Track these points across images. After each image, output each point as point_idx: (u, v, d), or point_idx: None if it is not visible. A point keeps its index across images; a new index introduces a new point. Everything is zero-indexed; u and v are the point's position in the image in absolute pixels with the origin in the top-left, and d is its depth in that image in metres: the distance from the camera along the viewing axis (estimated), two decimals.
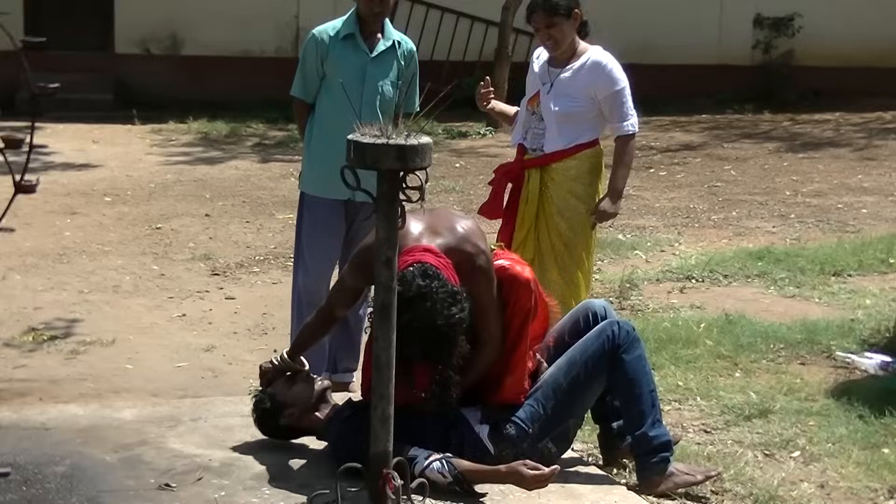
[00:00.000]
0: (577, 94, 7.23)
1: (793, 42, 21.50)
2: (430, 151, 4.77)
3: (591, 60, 7.29)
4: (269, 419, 5.66)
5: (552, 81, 7.26)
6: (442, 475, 5.20)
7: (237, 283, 10.18)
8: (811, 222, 12.80)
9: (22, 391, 7.47)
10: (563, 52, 7.28)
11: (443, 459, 5.24)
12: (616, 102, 7.34)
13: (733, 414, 6.82)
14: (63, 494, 5.14)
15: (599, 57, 7.35)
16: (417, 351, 5.14)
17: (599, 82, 7.28)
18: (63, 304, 9.46)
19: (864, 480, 5.95)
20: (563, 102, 7.22)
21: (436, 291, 5.04)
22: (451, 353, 5.18)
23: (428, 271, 5.10)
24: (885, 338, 8.13)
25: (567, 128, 7.24)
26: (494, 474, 5.22)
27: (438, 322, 5.06)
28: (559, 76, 7.25)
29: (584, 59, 7.28)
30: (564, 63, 7.28)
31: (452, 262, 5.26)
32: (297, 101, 7.35)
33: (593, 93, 7.26)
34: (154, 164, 15.74)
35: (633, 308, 9.24)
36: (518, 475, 5.15)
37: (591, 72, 7.27)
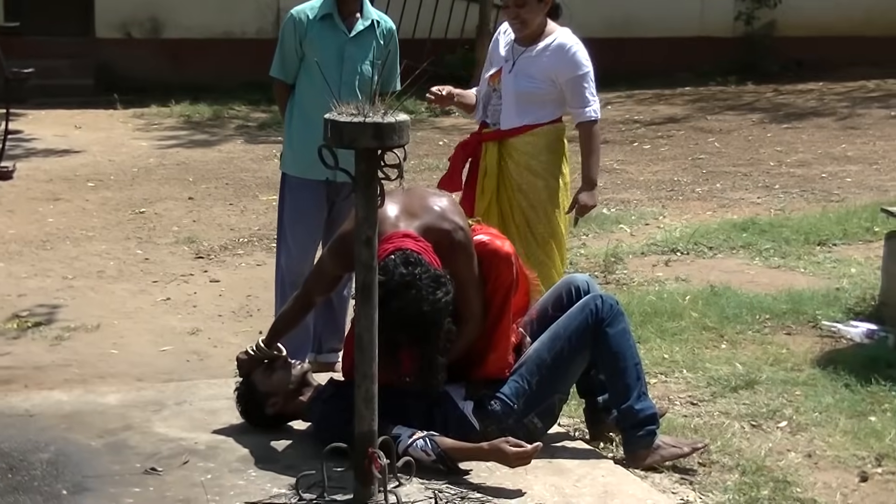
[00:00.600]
0: (537, 76, 7.12)
1: (774, 13, 21.53)
2: (407, 129, 4.75)
3: (556, 42, 7.16)
4: (254, 410, 5.66)
5: (515, 59, 7.18)
6: (425, 453, 5.19)
7: (221, 266, 10.17)
8: (795, 192, 12.81)
9: (6, 378, 7.45)
10: (529, 30, 7.18)
11: (426, 438, 5.23)
12: (577, 87, 7.17)
13: (719, 385, 6.82)
14: (49, 481, 5.13)
15: (565, 40, 7.19)
16: (405, 337, 5.14)
17: (562, 65, 7.14)
18: (47, 291, 9.44)
19: (851, 449, 5.96)
20: (523, 82, 7.11)
21: (419, 278, 5.04)
22: (438, 338, 5.18)
23: (410, 258, 5.09)
24: (870, 306, 8.14)
25: (525, 108, 7.12)
26: (478, 452, 5.22)
27: (425, 308, 5.05)
28: (522, 55, 7.18)
29: (549, 41, 7.16)
30: (530, 43, 7.19)
31: (431, 242, 5.25)
32: (277, 81, 7.34)
33: (554, 75, 7.12)
34: (137, 148, 15.71)
35: (618, 282, 9.25)
36: (501, 452, 5.15)
37: (555, 54, 7.14)
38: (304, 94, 7.17)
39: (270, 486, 5.07)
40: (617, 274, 9.48)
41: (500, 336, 5.54)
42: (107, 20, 20.28)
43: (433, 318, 5.09)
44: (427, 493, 5.01)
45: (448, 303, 5.11)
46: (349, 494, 4.91)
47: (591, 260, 9.82)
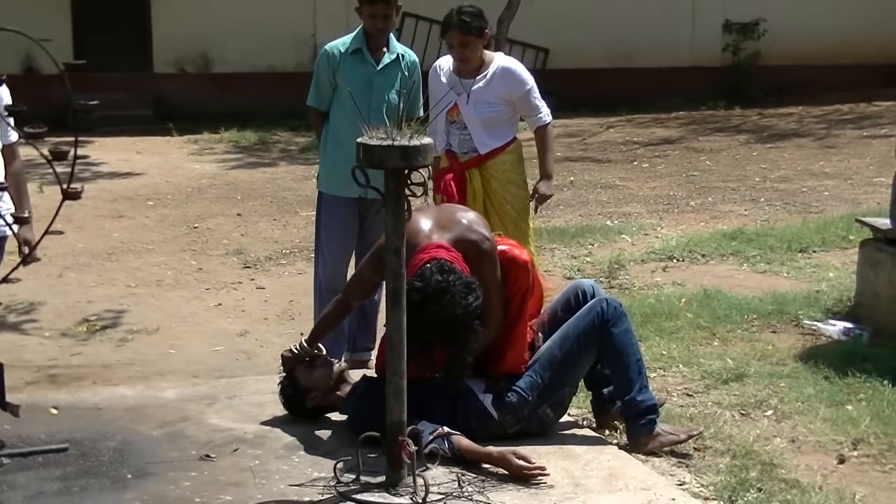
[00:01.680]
0: (494, 100, 7.34)
1: (758, 44, 21.51)
2: (431, 151, 4.79)
3: (500, 67, 7.38)
4: (295, 403, 5.67)
5: (468, 92, 7.28)
6: (444, 451, 5.17)
7: (266, 275, 10.19)
8: (779, 205, 12.77)
9: (77, 376, 7.48)
10: (471, 64, 7.32)
11: (444, 437, 5.21)
12: (528, 100, 7.45)
13: (712, 378, 6.79)
14: (115, 466, 5.15)
15: (507, 63, 7.46)
16: (439, 338, 5.16)
17: (512, 86, 7.38)
18: (112, 298, 9.48)
19: (830, 434, 5.93)
20: (484, 109, 7.33)
21: (453, 284, 5.06)
22: (468, 338, 5.19)
23: (444, 267, 5.11)
24: (846, 306, 8.10)
25: (492, 131, 7.37)
26: (487, 456, 5.18)
27: (458, 311, 5.07)
28: (475, 86, 7.29)
29: (493, 68, 7.36)
30: (474, 73, 7.33)
31: (461, 252, 5.28)
32: (313, 110, 7.35)
33: (508, 95, 7.38)
34: (191, 170, 15.78)
35: (620, 286, 9.21)
36: (507, 462, 5.11)
37: (503, 78, 7.35)
38: (337, 121, 7.17)
39: (311, 471, 5.07)
40: (620, 279, 9.45)
41: (517, 335, 5.54)
42: (163, 58, 20.36)
43: (465, 320, 5.11)
44: (451, 476, 4.99)
45: (478, 307, 5.13)
46: (381, 477, 4.90)
47: (596, 267, 9.80)
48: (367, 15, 7.07)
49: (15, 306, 9.15)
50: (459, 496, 4.83)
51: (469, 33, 7.20)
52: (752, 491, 5.18)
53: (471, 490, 4.89)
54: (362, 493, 4.83)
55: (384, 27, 7.09)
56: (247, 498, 4.80)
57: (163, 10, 20.28)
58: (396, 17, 7.21)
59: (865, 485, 5.38)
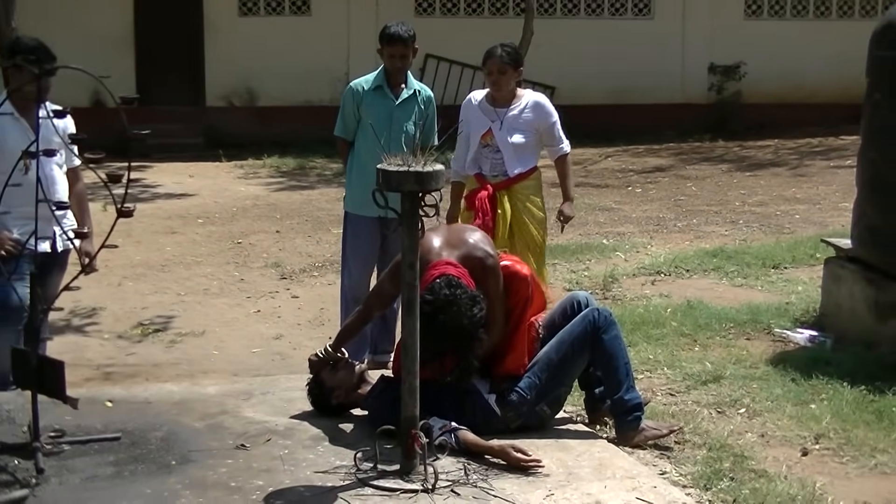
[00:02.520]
0: (525, 128, 7.39)
1: (740, 84, 21.48)
2: (442, 176, 4.80)
3: (531, 101, 7.47)
4: (321, 401, 5.67)
5: (501, 119, 7.33)
6: (451, 444, 5.16)
7: (301, 285, 10.20)
8: (755, 226, 12.74)
9: (131, 373, 7.51)
10: (503, 95, 7.34)
11: (451, 432, 5.21)
12: (553, 131, 7.53)
13: (692, 380, 6.76)
14: (161, 453, 5.15)
15: (538, 97, 7.55)
16: (448, 346, 5.16)
17: (542, 117, 7.45)
18: (164, 304, 9.50)
19: (795, 430, 5.91)
20: (515, 135, 7.37)
21: (460, 297, 5.07)
22: (473, 346, 5.19)
23: (452, 282, 5.12)
24: (812, 317, 8.07)
25: (521, 156, 7.38)
26: (489, 449, 5.17)
27: (464, 322, 5.08)
28: (507, 114, 7.34)
29: (526, 100, 7.45)
30: (507, 104, 7.38)
31: (468, 268, 5.29)
32: (339, 139, 7.38)
33: (537, 126, 7.44)
34: (236, 192, 15.80)
35: (614, 298, 9.19)
36: (506, 454, 5.10)
37: (534, 109, 7.43)
38: (361, 149, 7.19)
39: (334, 460, 5.06)
40: (613, 291, 9.42)
41: (518, 340, 5.54)
42: (214, 92, 20.43)
43: (470, 329, 5.11)
44: (458, 465, 4.98)
45: (482, 318, 5.13)
46: (396, 466, 4.89)
47: (592, 280, 9.78)
48: (387, 55, 7.11)
49: (78, 311, 9.18)
50: (465, 483, 4.82)
51: (507, 63, 7.27)
52: (725, 480, 5.16)
53: (475, 478, 4.88)
54: (379, 479, 4.82)
55: (402, 66, 7.13)
56: (277, 483, 4.80)
57: (214, 51, 20.35)
58: (413, 57, 7.22)
59: (825, 475, 5.37)
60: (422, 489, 4.74)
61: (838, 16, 22.15)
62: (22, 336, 6.10)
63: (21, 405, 5.42)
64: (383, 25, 7.25)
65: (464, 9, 21.18)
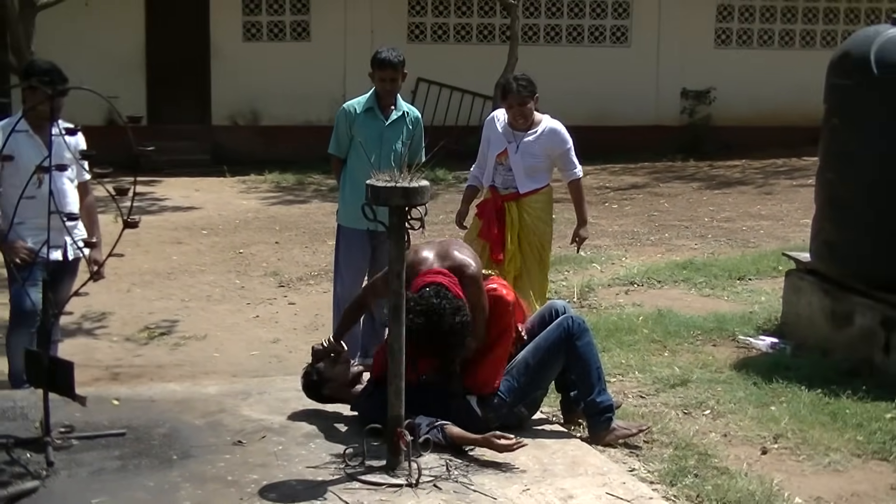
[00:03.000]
0: (538, 153, 7.42)
1: (710, 108, 21.51)
2: (428, 191, 4.79)
3: (548, 128, 7.47)
4: (313, 387, 5.66)
5: (518, 143, 7.36)
6: (437, 439, 5.17)
7: (297, 293, 10.20)
8: (723, 241, 12.74)
9: (137, 374, 7.50)
10: (525, 123, 7.39)
11: (438, 427, 5.21)
12: (567, 157, 7.55)
13: (661, 383, 6.77)
14: (163, 449, 5.14)
15: (553, 125, 7.53)
16: (429, 349, 5.16)
17: (555, 144, 7.48)
18: (169, 310, 9.50)
19: (756, 430, 5.92)
20: (528, 159, 7.42)
21: (444, 307, 5.07)
22: (456, 351, 5.19)
23: (440, 292, 5.13)
24: (774, 325, 8.09)
25: (532, 176, 7.44)
26: (474, 440, 5.18)
27: (445, 328, 5.08)
28: (524, 139, 7.39)
29: (542, 127, 7.46)
30: (526, 129, 7.39)
31: (456, 277, 5.28)
32: (333, 157, 7.38)
33: (550, 151, 7.47)
34: (239, 205, 15.78)
35: (590, 306, 9.21)
36: (490, 443, 5.12)
37: (549, 136, 7.45)
38: (353, 166, 7.20)
39: (325, 456, 5.06)
40: (589, 300, 9.44)
41: (493, 361, 5.49)
42: (219, 113, 20.42)
43: (451, 333, 5.11)
44: (440, 462, 4.99)
45: (464, 325, 5.13)
46: (382, 462, 4.90)
47: (570, 290, 9.78)
48: (377, 79, 7.12)
49: (89, 315, 9.18)
50: (447, 478, 4.82)
51: (527, 97, 7.30)
52: (689, 476, 5.17)
53: (456, 474, 4.89)
54: (366, 474, 4.82)
55: (392, 89, 7.13)
56: (271, 477, 4.79)
57: (220, 74, 20.34)
58: (403, 81, 7.23)
59: (783, 472, 5.39)
60: (406, 484, 4.74)
61: (801, 46, 22.22)
62: (35, 338, 6.10)
63: (34, 402, 5.42)
64: (375, 51, 7.26)
65: (453, 36, 21.20)
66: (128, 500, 4.55)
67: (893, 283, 6.94)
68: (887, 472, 5.44)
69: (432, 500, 4.63)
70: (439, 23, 21.16)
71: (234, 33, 20.46)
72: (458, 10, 21.18)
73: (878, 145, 7.01)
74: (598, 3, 21.58)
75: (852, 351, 7.06)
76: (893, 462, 5.54)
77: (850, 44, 7.43)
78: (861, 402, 6.29)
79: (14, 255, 6.22)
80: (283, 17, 20.70)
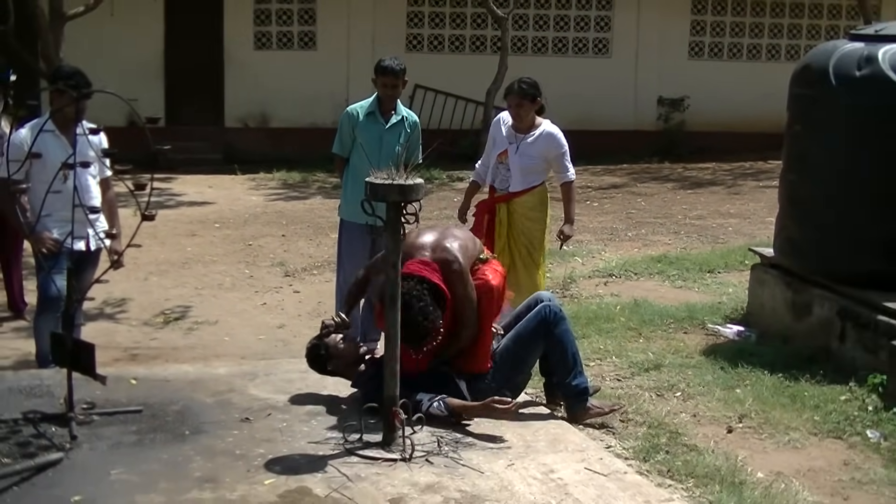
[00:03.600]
0: (535, 155, 7.39)
1: (684, 115, 21.48)
2: (422, 188, 4.81)
3: (545, 132, 7.43)
4: (317, 359, 5.61)
5: (518, 144, 7.36)
6: (440, 411, 5.19)
7: (302, 282, 10.18)
8: (694, 237, 12.75)
9: (153, 356, 7.49)
10: (524, 123, 7.31)
11: (439, 400, 5.23)
12: (561, 160, 7.51)
13: (637, 367, 6.80)
14: (177, 425, 5.15)
15: (551, 129, 7.49)
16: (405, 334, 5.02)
17: (551, 148, 7.44)
18: (184, 297, 9.49)
19: (722, 411, 5.95)
20: (525, 161, 7.39)
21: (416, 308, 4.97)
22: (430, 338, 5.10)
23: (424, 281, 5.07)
24: (740, 314, 8.10)
25: (527, 177, 7.42)
26: (473, 408, 5.21)
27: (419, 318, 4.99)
28: (523, 140, 7.36)
29: (540, 130, 7.42)
30: (526, 131, 7.39)
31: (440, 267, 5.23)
32: (337, 156, 7.37)
33: (546, 154, 7.43)
34: (249, 201, 15.74)
35: (572, 296, 9.21)
36: (489, 408, 5.16)
37: (546, 140, 7.41)
38: (355, 165, 7.19)
39: (326, 432, 5.07)
40: (571, 291, 9.44)
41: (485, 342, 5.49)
42: (232, 115, 20.37)
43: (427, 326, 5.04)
44: (432, 439, 4.99)
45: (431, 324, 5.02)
46: (379, 438, 4.91)
47: (554, 281, 9.76)
48: (380, 84, 7.11)
49: (110, 301, 9.17)
50: (438, 454, 4.83)
51: (524, 97, 7.30)
52: (661, 453, 5.20)
53: (447, 449, 4.89)
54: (363, 449, 4.82)
55: (393, 94, 7.13)
56: (276, 451, 4.80)
57: (232, 80, 20.29)
58: (403, 88, 7.22)
59: (746, 449, 5.42)
60: (400, 458, 4.75)
61: (767, 58, 22.21)
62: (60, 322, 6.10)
63: (58, 381, 5.41)
64: (378, 59, 7.25)
65: (448, 46, 21.17)
66: (144, 471, 4.55)
67: (849, 277, 6.96)
68: (841, 449, 5.47)
69: (424, 473, 4.64)
70: (435, 34, 21.13)
71: (245, 42, 20.42)
72: (453, 23, 21.16)
73: (835, 150, 7.03)
74: (581, 17, 21.57)
75: (811, 339, 7.08)
76: (846, 440, 5.57)
77: (811, 57, 7.45)
78: (818, 386, 6.32)
79: (41, 245, 6.23)
80: (291, 28, 20.66)
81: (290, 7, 20.62)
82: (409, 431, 4.91)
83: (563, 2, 21.41)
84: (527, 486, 4.55)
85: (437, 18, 21.11)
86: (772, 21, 22.29)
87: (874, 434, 5.58)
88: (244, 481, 4.49)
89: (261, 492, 4.39)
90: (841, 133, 6.98)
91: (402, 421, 4.88)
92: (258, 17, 20.50)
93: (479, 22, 21.08)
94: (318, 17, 20.64)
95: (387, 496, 4.39)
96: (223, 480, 4.49)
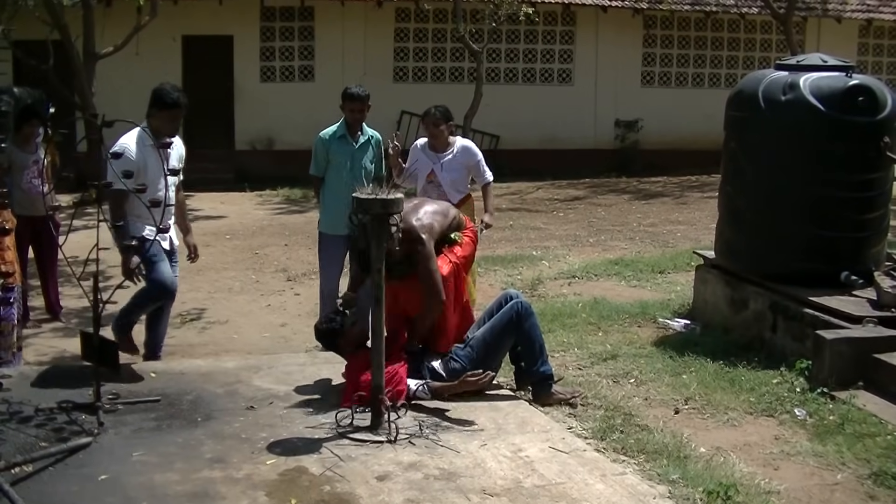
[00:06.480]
0: (458, 167, 7.54)
1: (638, 135, 21.52)
2: (402, 202, 4.88)
3: (462, 146, 7.61)
4: (328, 335, 5.54)
5: (441, 162, 7.46)
6: (424, 394, 5.23)
7: (302, 285, 10.14)
8: (647, 242, 12.74)
9: (171, 352, 7.41)
10: (441, 142, 7.47)
11: (423, 385, 5.26)
12: (479, 167, 7.63)
13: (596, 358, 6.78)
14: (190, 412, 5.17)
15: (465, 143, 7.69)
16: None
17: (470, 157, 7.59)
18: (198, 300, 9.44)
19: (670, 394, 5.94)
20: (453, 174, 7.51)
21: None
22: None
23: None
24: (687, 309, 8.10)
25: (457, 188, 7.51)
26: (452, 387, 5.28)
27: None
28: (445, 158, 7.49)
29: (457, 146, 7.59)
30: (443, 150, 7.53)
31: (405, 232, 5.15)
32: (314, 176, 7.24)
33: (467, 163, 7.57)
34: (256, 215, 15.68)
35: (539, 295, 9.19)
36: (466, 383, 5.24)
37: (463, 152, 7.58)
38: (330, 183, 7.12)
39: (321, 418, 5.09)
40: (539, 290, 9.41)
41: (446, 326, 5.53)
42: (241, 139, 20.33)
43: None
44: (415, 423, 5.01)
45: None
46: (367, 422, 4.91)
47: (524, 282, 9.77)
48: (347, 109, 7.09)
49: None
50: (419, 436, 4.85)
51: (440, 119, 7.39)
52: (617, 433, 5.19)
53: (427, 432, 4.91)
54: (354, 433, 4.85)
55: (359, 118, 7.09)
56: (277, 435, 4.81)
57: (242, 108, 20.26)
58: (367, 112, 7.14)
59: (691, 427, 5.41)
60: (386, 440, 4.78)
61: (709, 85, 22.28)
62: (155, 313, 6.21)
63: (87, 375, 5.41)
64: (344, 87, 7.23)
65: (430, 77, 21.18)
66: (162, 453, 4.56)
67: (779, 275, 6.98)
68: (772, 425, 5.48)
69: (408, 453, 4.64)
70: (419, 66, 21.14)
71: (253, 76, 20.40)
72: (435, 56, 21.17)
73: (764, 165, 7.06)
74: (547, 51, 21.61)
75: (747, 330, 7.09)
76: (777, 418, 5.58)
77: (744, 84, 7.48)
78: (754, 371, 6.32)
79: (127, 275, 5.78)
80: (292, 63, 20.66)
81: (292, 45, 20.65)
82: (395, 417, 4.92)
83: (531, 37, 21.45)
84: (498, 463, 4.56)
85: (421, 53, 21.13)
86: (713, 53, 22.43)
87: (801, 412, 5.59)
88: (249, 461, 4.49)
89: (263, 471, 4.39)
90: (769, 150, 7.01)
91: (387, 407, 4.90)
92: (264, 54, 20.51)
93: (457, 55, 21.10)
94: (317, 53, 20.66)
95: (374, 474, 4.40)
96: (231, 461, 4.49)
